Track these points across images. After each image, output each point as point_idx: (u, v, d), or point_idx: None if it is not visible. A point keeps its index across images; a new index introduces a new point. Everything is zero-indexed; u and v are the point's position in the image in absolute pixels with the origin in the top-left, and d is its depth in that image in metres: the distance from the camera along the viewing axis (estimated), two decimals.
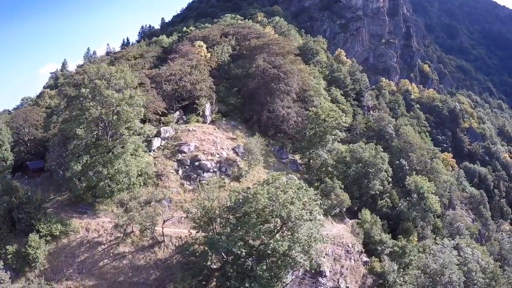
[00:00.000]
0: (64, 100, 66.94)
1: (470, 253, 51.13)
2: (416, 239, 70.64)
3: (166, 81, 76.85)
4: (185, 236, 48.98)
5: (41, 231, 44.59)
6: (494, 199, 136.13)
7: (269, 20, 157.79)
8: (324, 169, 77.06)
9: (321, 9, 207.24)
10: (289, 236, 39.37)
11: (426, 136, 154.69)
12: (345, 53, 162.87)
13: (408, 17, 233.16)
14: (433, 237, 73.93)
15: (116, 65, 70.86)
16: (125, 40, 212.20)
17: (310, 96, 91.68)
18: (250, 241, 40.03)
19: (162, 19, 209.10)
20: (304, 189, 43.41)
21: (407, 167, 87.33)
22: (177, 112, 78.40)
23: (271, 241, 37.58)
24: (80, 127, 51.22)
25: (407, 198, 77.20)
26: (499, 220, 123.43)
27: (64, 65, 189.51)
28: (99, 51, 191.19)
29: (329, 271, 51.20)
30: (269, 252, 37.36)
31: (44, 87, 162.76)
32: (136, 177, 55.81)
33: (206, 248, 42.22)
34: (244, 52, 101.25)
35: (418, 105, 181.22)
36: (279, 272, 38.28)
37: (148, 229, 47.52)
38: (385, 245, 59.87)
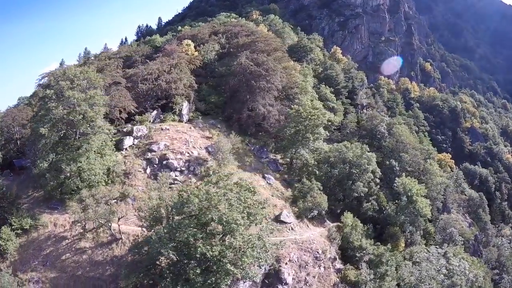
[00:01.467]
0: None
1: (457, 264, 44.90)
2: (404, 245, 64.53)
3: (143, 80, 73.70)
4: (140, 234, 47.35)
5: (13, 225, 45.90)
6: (495, 202, 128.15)
7: (264, 18, 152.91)
8: (305, 169, 71.68)
9: (320, 7, 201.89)
10: (228, 241, 36.15)
11: (425, 136, 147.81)
12: (341, 51, 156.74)
13: (410, 15, 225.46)
14: (423, 243, 67.94)
15: (86, 66, 69.77)
16: (123, 40, 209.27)
17: (296, 93, 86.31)
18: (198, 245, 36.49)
19: (159, 18, 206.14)
20: (250, 191, 40.16)
21: (398, 168, 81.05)
22: (155, 111, 74.66)
23: (200, 244, 34.89)
24: (45, 126, 50.91)
25: (396, 201, 71.02)
26: (500, 224, 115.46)
27: (61, 64, 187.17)
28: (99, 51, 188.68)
29: (292, 279, 46.66)
30: (197, 256, 34.82)
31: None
32: (101, 175, 54.19)
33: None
34: (231, 50, 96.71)
35: (417, 104, 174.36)
36: (218, 278, 35.14)
37: (103, 226, 47.20)
38: (364, 251, 54.15)
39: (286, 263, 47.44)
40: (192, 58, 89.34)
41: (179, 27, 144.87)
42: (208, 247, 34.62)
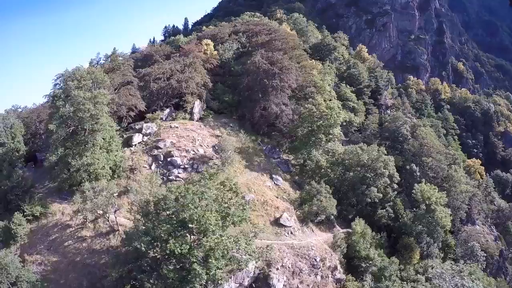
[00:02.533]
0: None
1: (470, 285, 39.30)
2: (418, 257, 58.62)
3: (156, 79, 72.91)
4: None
5: (25, 211, 49.27)
6: None
7: (288, 17, 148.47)
8: (317, 171, 67.39)
9: (347, 4, 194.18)
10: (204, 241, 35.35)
11: (454, 140, 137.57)
12: (366, 49, 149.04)
13: (442, 12, 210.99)
14: (441, 256, 61.63)
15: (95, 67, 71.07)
16: (151, 40, 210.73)
17: (312, 92, 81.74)
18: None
19: (185, 19, 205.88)
20: (233, 191, 39.65)
21: (418, 174, 74.45)
22: (167, 109, 73.63)
23: (171, 241, 34.33)
24: (53, 123, 53.46)
25: (414, 209, 65.01)
26: None
27: (91, 64, 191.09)
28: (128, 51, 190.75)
29: (283, 286, 43.71)
30: (167, 252, 34.67)
31: None
32: (106, 169, 55.08)
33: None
34: (250, 49, 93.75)
35: (448, 106, 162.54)
36: (192, 276, 34.21)
37: (102, 217, 48.83)
38: (370, 262, 49.28)
39: (278, 269, 44.47)
40: (209, 57, 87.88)
41: (204, 27, 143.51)
42: (177, 244, 33.95)
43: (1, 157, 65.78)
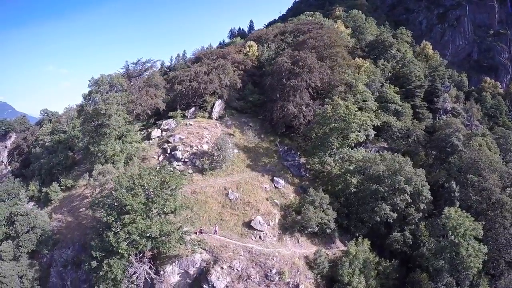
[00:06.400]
0: None
1: None
2: None
3: (181, 81, 70.56)
4: None
5: (61, 183, 58.87)
6: None
7: (347, 14, 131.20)
8: (328, 178, 55.85)
9: None
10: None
11: None
12: (431, 46, 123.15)
13: None
14: None
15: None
16: (221, 42, 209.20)
17: (340, 93, 68.40)
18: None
19: (251, 21, 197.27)
20: (166, 183, 40.00)
21: (457, 194, 56.18)
22: (192, 108, 70.78)
23: (104, 212, 39.39)
24: (80, 118, 62.13)
25: (440, 239, 48.70)
26: None
27: (162, 65, 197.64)
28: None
29: (226, 286, 38.19)
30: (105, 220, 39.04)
31: None
32: (120, 156, 57.54)
33: None
34: (288, 48, 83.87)
35: None
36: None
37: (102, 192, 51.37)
38: None
39: (223, 268, 38.59)
40: (244, 58, 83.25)
41: (264, 29, 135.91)
42: (105, 214, 38.35)
43: (62, 141, 72.79)
